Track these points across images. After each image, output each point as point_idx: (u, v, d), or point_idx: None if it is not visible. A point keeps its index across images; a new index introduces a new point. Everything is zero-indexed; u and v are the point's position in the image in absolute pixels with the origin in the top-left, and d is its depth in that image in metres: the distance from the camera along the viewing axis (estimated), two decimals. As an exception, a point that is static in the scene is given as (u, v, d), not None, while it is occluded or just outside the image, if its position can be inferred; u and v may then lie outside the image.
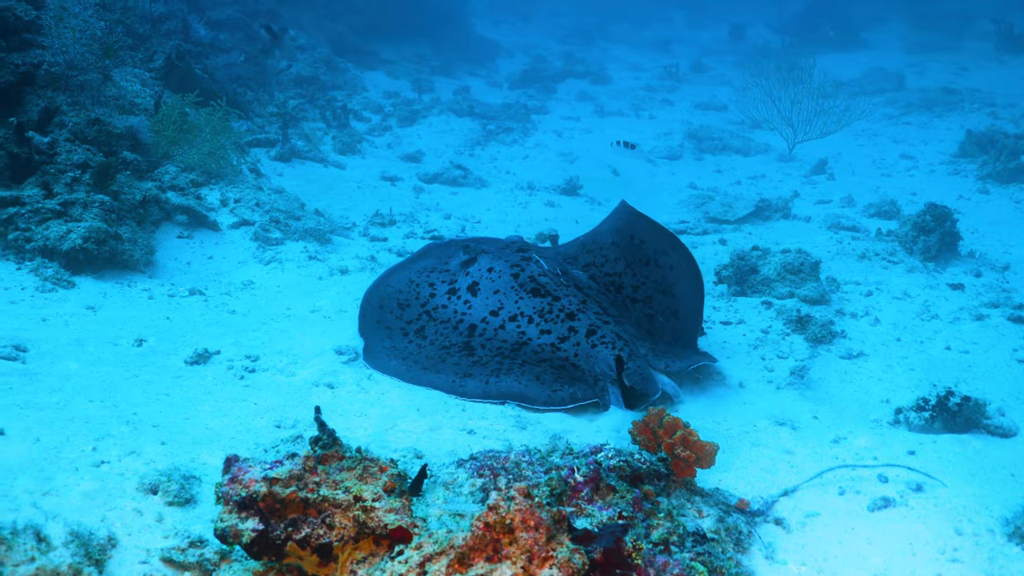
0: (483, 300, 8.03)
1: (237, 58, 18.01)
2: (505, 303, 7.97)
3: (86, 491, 5.02)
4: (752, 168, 17.80)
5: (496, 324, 7.84)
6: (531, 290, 8.06)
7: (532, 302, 7.96)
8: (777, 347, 8.55)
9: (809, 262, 9.91)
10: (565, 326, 7.77)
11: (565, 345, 7.66)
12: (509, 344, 7.69)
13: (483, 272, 8.24)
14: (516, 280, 8.14)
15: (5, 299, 7.89)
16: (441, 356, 7.58)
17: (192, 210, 10.42)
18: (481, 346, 7.68)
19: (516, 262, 8.33)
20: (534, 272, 8.24)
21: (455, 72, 27.31)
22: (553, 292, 8.07)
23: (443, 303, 8.08)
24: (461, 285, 8.20)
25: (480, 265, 8.33)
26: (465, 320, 7.91)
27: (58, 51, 10.71)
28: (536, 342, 7.69)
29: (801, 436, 6.75)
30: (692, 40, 37.28)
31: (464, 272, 8.31)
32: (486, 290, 8.09)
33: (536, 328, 7.77)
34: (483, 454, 5.21)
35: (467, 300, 8.05)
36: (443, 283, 8.28)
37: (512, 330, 7.78)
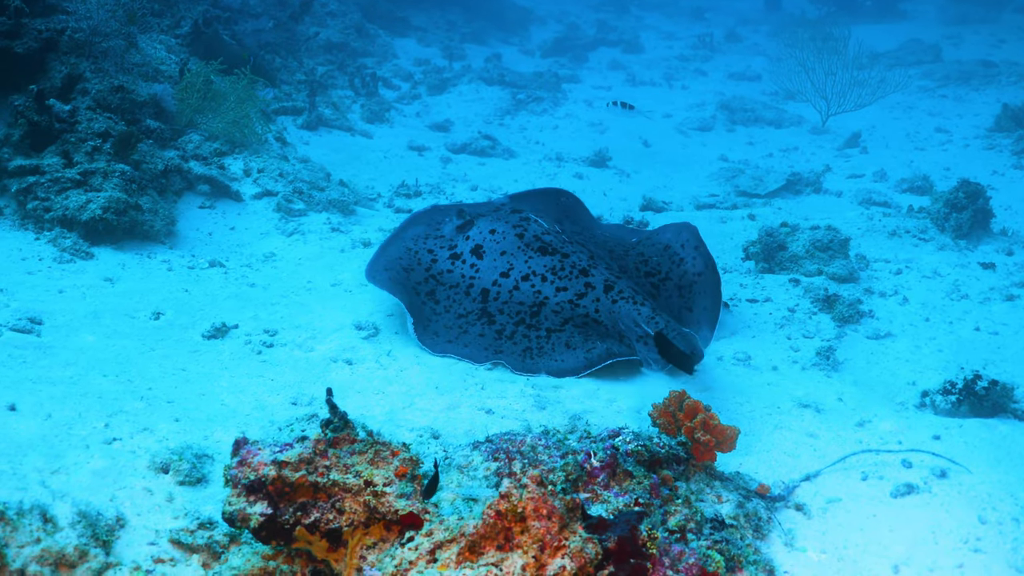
0: (490, 262, 7.98)
1: (266, 24, 17.91)
2: (515, 263, 7.94)
3: (96, 469, 5.00)
4: (784, 140, 17.59)
5: (509, 286, 7.81)
6: (538, 248, 8.05)
7: (542, 260, 7.95)
8: (803, 326, 8.43)
9: (838, 239, 9.77)
10: (580, 282, 7.80)
11: (584, 301, 7.69)
12: (527, 306, 7.67)
13: (485, 235, 8.18)
14: (522, 240, 8.11)
15: (22, 270, 7.87)
16: (461, 327, 7.55)
17: (215, 180, 10.37)
18: (499, 311, 7.65)
19: (516, 223, 8.29)
20: (537, 231, 8.22)
21: (487, 39, 27.11)
22: (561, 250, 8.06)
23: (447, 268, 8.03)
24: (463, 249, 8.13)
25: (480, 228, 8.26)
26: (476, 284, 7.87)
27: (82, 16, 10.68)
28: (554, 300, 7.70)
29: (825, 419, 6.65)
30: (727, 8, 36.78)
31: (463, 236, 8.24)
32: (492, 252, 8.04)
33: (552, 287, 7.78)
34: (499, 437, 5.13)
35: (473, 263, 8.00)
36: (442, 248, 8.21)
37: (527, 290, 7.77)
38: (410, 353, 7.25)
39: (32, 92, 9.14)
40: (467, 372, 7.00)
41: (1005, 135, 16.98)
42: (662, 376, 7.27)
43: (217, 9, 16.64)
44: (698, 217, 12.11)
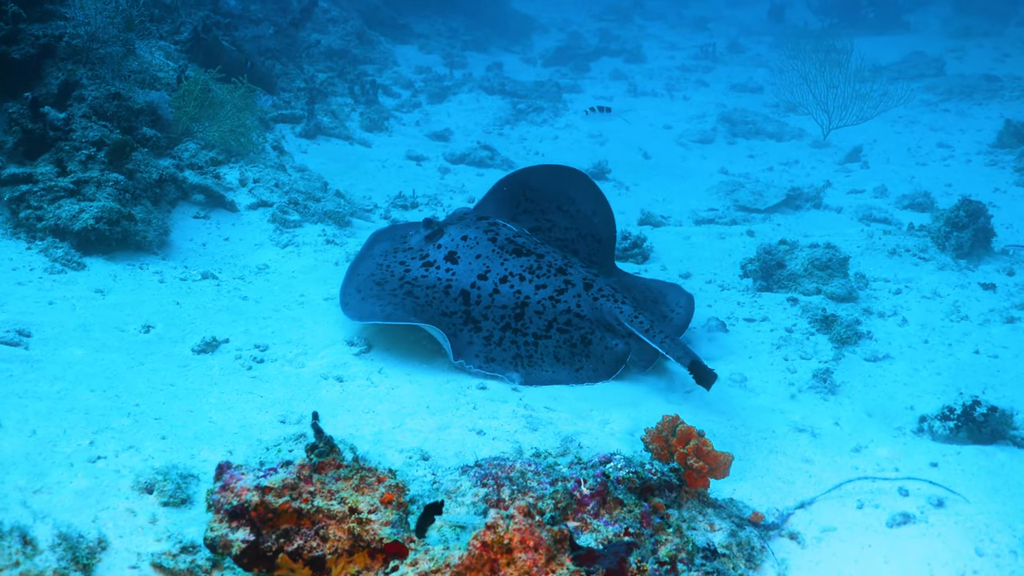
0: (466, 266, 7.96)
1: (267, 30, 17.87)
2: (491, 266, 7.95)
3: (79, 489, 4.92)
4: (785, 154, 17.53)
5: (489, 289, 7.81)
6: (513, 251, 8.09)
7: (518, 261, 8.00)
8: (801, 347, 8.35)
9: (838, 257, 9.69)
10: (560, 279, 7.90)
11: (565, 297, 7.78)
12: (510, 308, 7.68)
13: (457, 241, 8.19)
14: (495, 243, 8.14)
15: (12, 280, 7.78)
16: (450, 325, 7.53)
17: (210, 190, 10.28)
18: (484, 316, 7.63)
19: (487, 228, 8.33)
20: (509, 235, 8.27)
21: (489, 48, 27.09)
22: (535, 251, 8.14)
23: (422, 274, 8.00)
24: (436, 257, 8.12)
25: (451, 235, 8.27)
26: (453, 284, 7.85)
27: (80, 22, 10.60)
28: (535, 299, 7.74)
29: (821, 444, 6.57)
30: (731, 19, 36.79)
31: (434, 245, 8.23)
32: (467, 256, 8.04)
33: (531, 285, 7.82)
34: (488, 461, 5.05)
35: (449, 268, 7.98)
36: (413, 259, 8.19)
37: (507, 292, 7.78)
38: (402, 371, 7.17)
39: (27, 99, 9.07)
40: (459, 391, 6.91)
41: (1007, 151, 16.93)
42: (655, 394, 7.21)
43: (218, 15, 16.61)
44: (697, 232, 12.06)
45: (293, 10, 20.26)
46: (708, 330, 8.59)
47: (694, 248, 11.35)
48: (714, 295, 9.68)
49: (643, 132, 18.76)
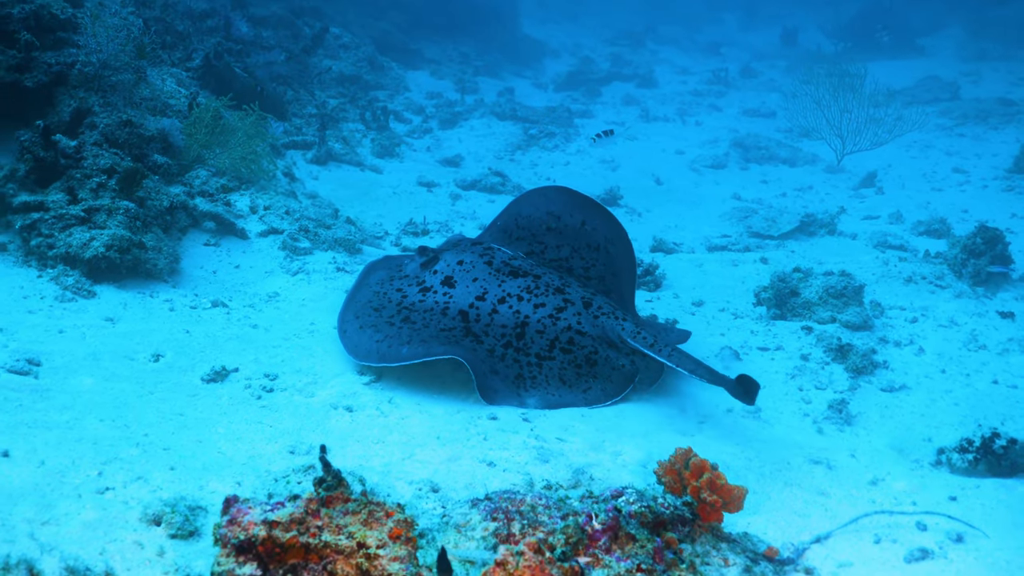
0: (463, 289, 7.96)
1: (278, 56, 17.91)
2: (489, 288, 7.94)
3: (87, 521, 4.85)
4: (799, 179, 17.46)
5: (488, 309, 7.79)
6: (509, 272, 8.08)
7: (515, 282, 7.99)
8: (816, 377, 8.25)
9: (852, 285, 9.59)
10: (558, 298, 7.87)
11: (564, 315, 7.76)
12: (511, 328, 7.65)
13: (453, 266, 8.19)
14: (491, 267, 8.14)
15: (23, 308, 7.73)
16: (449, 338, 7.49)
17: (220, 217, 10.24)
18: (484, 333, 7.61)
19: (482, 252, 8.33)
20: (505, 257, 8.27)
21: (500, 72, 27.14)
22: (532, 272, 8.13)
23: (420, 299, 8.00)
24: (432, 282, 8.13)
25: (447, 261, 8.27)
26: (451, 306, 7.84)
27: (92, 50, 10.61)
28: (535, 318, 7.71)
29: (837, 476, 6.46)
30: (743, 43, 36.89)
31: (430, 271, 8.25)
32: (464, 280, 8.03)
33: (529, 305, 7.80)
34: (498, 495, 4.97)
35: (446, 292, 7.98)
36: (410, 286, 8.20)
37: (506, 312, 7.76)
38: (412, 400, 7.09)
39: (38, 127, 9.05)
40: (469, 421, 6.82)
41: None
42: (668, 423, 7.12)
43: (230, 42, 16.66)
44: (710, 259, 11.98)
45: (305, 36, 20.34)
46: (721, 359, 8.51)
47: (707, 275, 11.27)
48: (727, 323, 9.59)
49: (655, 157, 18.72)
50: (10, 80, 10.02)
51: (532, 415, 7.06)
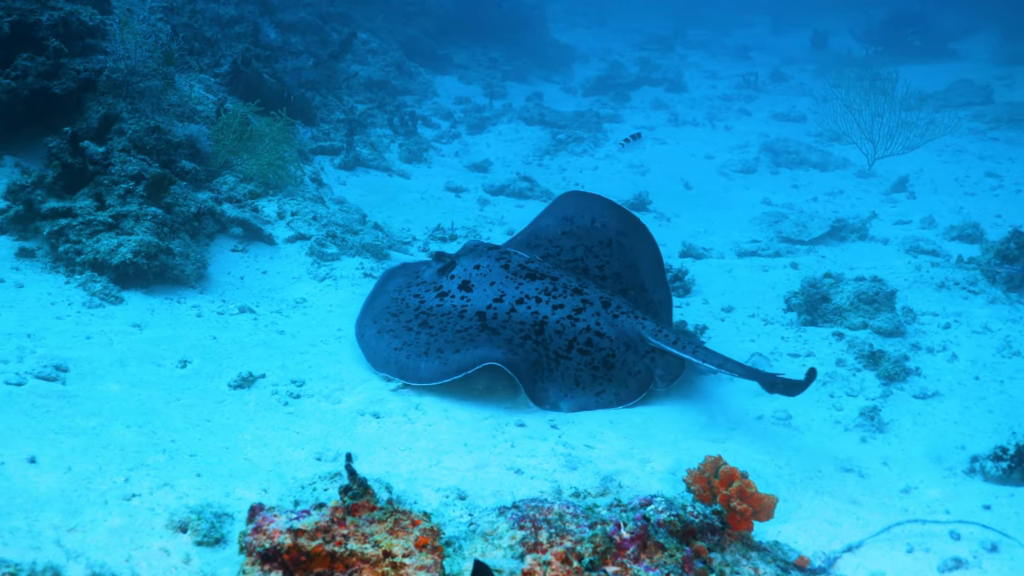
0: (481, 292, 7.98)
1: (306, 62, 17.92)
2: (506, 291, 7.95)
3: (113, 527, 4.85)
4: (830, 184, 17.34)
5: (505, 308, 7.79)
6: (526, 275, 8.09)
7: (533, 284, 7.98)
8: (847, 384, 8.14)
9: (884, 291, 9.47)
10: (577, 299, 7.86)
11: (583, 316, 7.74)
12: (529, 326, 7.64)
13: (470, 271, 8.21)
14: (507, 270, 8.15)
15: (51, 315, 7.74)
16: (465, 339, 7.48)
17: (248, 223, 10.24)
18: (502, 327, 7.60)
19: (498, 257, 8.34)
20: (521, 261, 8.28)
21: (528, 77, 27.10)
22: (549, 274, 8.13)
23: (437, 303, 8.01)
24: (450, 287, 8.15)
25: (463, 266, 8.30)
26: (468, 308, 7.85)
27: (120, 56, 10.65)
28: (554, 318, 7.70)
29: (869, 484, 6.38)
30: (773, 47, 36.71)
31: (448, 276, 8.28)
32: (481, 284, 8.05)
33: (548, 306, 7.79)
34: (525, 503, 4.92)
35: (464, 295, 8.00)
36: (428, 292, 8.21)
37: (525, 312, 7.76)
38: (439, 407, 7.05)
39: (66, 134, 9.08)
40: (497, 428, 6.78)
41: (1059, 181, 16.69)
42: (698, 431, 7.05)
43: (258, 47, 16.70)
44: (740, 265, 11.89)
45: (333, 42, 20.36)
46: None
47: (736, 281, 11.18)
48: (757, 329, 9.50)
49: (684, 162, 18.63)
50: (39, 87, 10.08)
51: (560, 421, 7.01)
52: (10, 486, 5.10)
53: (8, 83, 9.96)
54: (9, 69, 10.09)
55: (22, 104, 10.08)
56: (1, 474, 5.21)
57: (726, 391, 7.89)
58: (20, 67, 10.08)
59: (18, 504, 4.90)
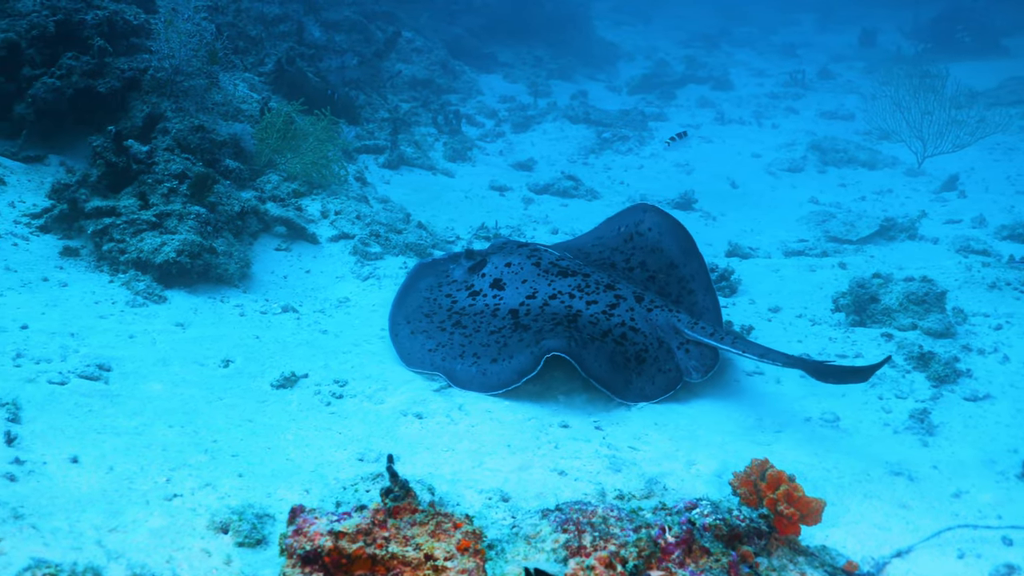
0: (513, 291, 7.97)
1: (351, 61, 17.94)
2: (539, 288, 7.95)
3: (154, 528, 4.83)
4: (878, 182, 17.13)
5: (538, 304, 7.79)
6: (558, 272, 8.08)
7: (565, 281, 7.98)
8: (896, 386, 8.01)
9: (934, 292, 9.31)
10: (610, 294, 7.84)
11: (618, 311, 7.70)
12: (562, 316, 7.61)
13: (501, 269, 8.20)
14: (539, 268, 8.14)
15: (95, 314, 7.76)
16: (499, 341, 7.46)
17: (291, 222, 10.25)
18: (534, 321, 7.58)
19: (529, 254, 8.33)
20: (552, 258, 8.27)
21: (573, 76, 27.02)
22: (581, 271, 8.11)
23: (470, 303, 8.01)
24: (481, 286, 8.14)
25: (494, 264, 8.29)
26: (501, 307, 7.84)
27: (165, 55, 10.68)
28: (587, 312, 7.66)
29: (919, 488, 6.27)
30: (820, 45, 36.39)
31: (479, 275, 8.27)
32: (513, 282, 8.05)
33: (581, 301, 7.77)
34: (569, 506, 4.86)
35: (496, 294, 7.99)
36: (459, 291, 8.21)
37: (558, 306, 7.75)
38: (482, 407, 7.01)
39: (110, 133, 9.10)
40: (540, 429, 6.73)
41: (1112, 179, 16.40)
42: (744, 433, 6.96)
43: (302, 46, 16.73)
44: (786, 265, 11.76)
45: (377, 40, 20.37)
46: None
47: (783, 281, 11.06)
48: (804, 330, 9.39)
49: (731, 161, 18.49)
50: (84, 86, 10.13)
51: (604, 423, 6.95)
52: (52, 486, 5.11)
53: (53, 82, 10.02)
54: (54, 68, 10.15)
55: (67, 103, 10.13)
56: (43, 474, 5.21)
57: (773, 393, 7.80)
58: (65, 66, 10.14)
59: (60, 504, 4.90)
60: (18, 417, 5.77)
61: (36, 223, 8.98)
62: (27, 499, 4.87)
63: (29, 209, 9.19)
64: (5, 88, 10.07)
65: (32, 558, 4.12)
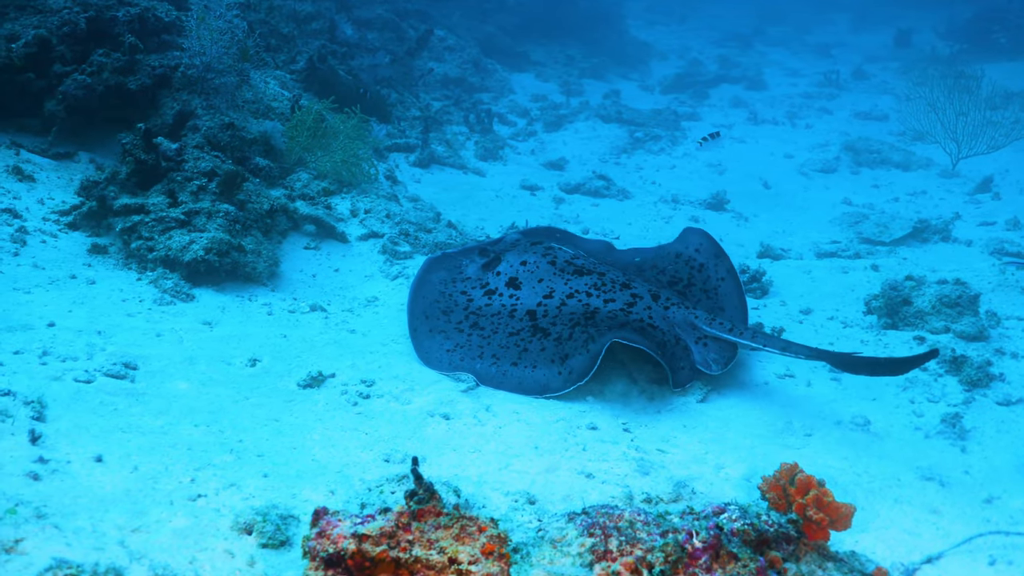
0: (530, 290, 7.94)
1: (383, 59, 17.95)
2: (555, 287, 7.93)
3: (178, 528, 4.81)
4: (912, 184, 16.99)
5: (556, 304, 7.77)
6: (574, 271, 8.07)
7: (582, 280, 7.98)
8: (928, 389, 7.92)
9: (968, 295, 9.21)
10: (627, 293, 7.84)
11: (635, 309, 7.68)
12: (580, 315, 7.62)
13: (516, 267, 8.18)
14: (555, 266, 8.13)
15: (122, 312, 7.77)
16: (519, 344, 7.47)
17: (321, 220, 10.24)
18: (552, 324, 7.57)
19: (544, 252, 8.32)
20: (567, 256, 8.27)
21: (606, 75, 26.95)
22: (597, 270, 8.12)
23: (486, 303, 7.98)
24: (496, 284, 8.12)
25: (509, 262, 8.26)
26: (519, 308, 7.81)
27: (196, 53, 10.70)
28: (605, 310, 7.66)
29: (950, 494, 6.20)
30: (855, 45, 36.14)
31: (493, 273, 8.24)
32: (529, 281, 8.02)
33: (599, 300, 7.77)
34: (595, 509, 4.81)
35: (512, 294, 7.97)
36: (474, 288, 8.19)
37: (575, 305, 7.73)
38: (509, 408, 6.97)
39: (139, 130, 9.12)
40: (568, 431, 6.68)
41: None
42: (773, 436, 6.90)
43: (334, 44, 16.75)
44: (818, 266, 11.67)
45: (409, 39, 20.38)
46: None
47: (815, 283, 10.97)
48: (836, 332, 9.30)
49: (763, 161, 18.38)
50: (114, 83, 10.16)
51: (633, 425, 6.90)
52: (76, 485, 5.09)
53: (84, 79, 10.06)
54: (85, 65, 10.19)
55: (97, 100, 10.17)
56: (67, 473, 5.20)
57: (803, 395, 7.73)
58: (96, 63, 10.18)
59: (83, 504, 4.89)
60: (43, 415, 5.77)
61: (65, 220, 9.00)
62: (50, 498, 4.86)
63: (58, 206, 9.22)
64: (36, 85, 10.11)
65: (54, 558, 4.10)
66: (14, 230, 8.55)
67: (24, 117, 10.27)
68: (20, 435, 5.43)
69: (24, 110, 10.22)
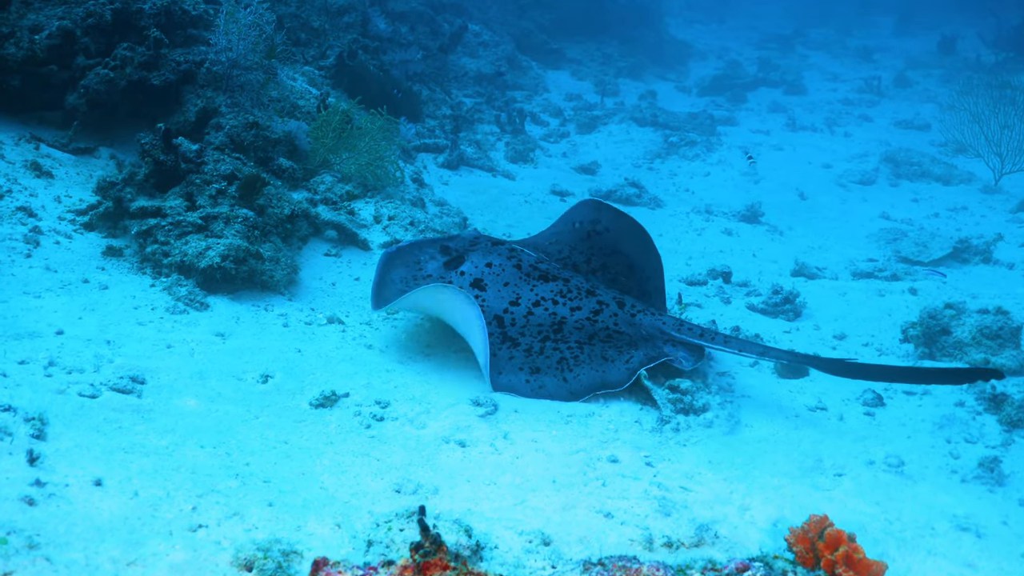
0: (495, 293, 7.85)
1: (415, 55, 17.72)
2: (521, 293, 7.88)
3: (175, 563, 4.59)
4: (952, 199, 16.62)
5: (523, 311, 7.74)
6: (539, 276, 8.04)
7: (547, 286, 7.96)
8: (966, 428, 7.59)
9: (1010, 326, 8.88)
10: (592, 300, 7.91)
11: (601, 317, 7.74)
12: (547, 326, 7.62)
13: (482, 268, 8.07)
14: (520, 270, 8.06)
15: (133, 320, 7.57)
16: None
17: (342, 226, 10.02)
18: (521, 334, 7.56)
19: (508, 255, 8.23)
20: (531, 260, 8.20)
21: (643, 75, 26.68)
22: (561, 275, 8.10)
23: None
24: (460, 284, 7.94)
25: (474, 262, 8.13)
26: (486, 311, 7.70)
27: (223, 49, 10.50)
28: (572, 319, 7.69)
29: (986, 546, 5.90)
30: (898, 50, 35.65)
31: (457, 272, 8.08)
32: (495, 284, 7.93)
33: (565, 308, 7.79)
34: (612, 560, 4.58)
35: (478, 295, 7.85)
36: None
37: (542, 314, 7.73)
38: (527, 437, 6.71)
39: (159, 130, 8.91)
40: (587, 464, 6.41)
41: None
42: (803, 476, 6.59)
43: (366, 38, 16.53)
44: (854, 288, 11.36)
45: (443, 33, 20.16)
46: (863, 403, 7.93)
47: (850, 306, 10.67)
48: (871, 360, 8.98)
49: (800, 170, 18.07)
50: (137, 78, 10.00)
51: (656, 459, 6.63)
52: (72, 512, 4.87)
53: (106, 73, 9.90)
54: (108, 59, 10.02)
55: (120, 95, 10.03)
56: (64, 498, 4.99)
57: (835, 429, 7.45)
58: (119, 57, 10.02)
59: (78, 532, 4.67)
60: (43, 433, 5.56)
61: (81, 220, 8.85)
62: (44, 526, 4.65)
63: (75, 205, 9.05)
64: (58, 77, 9.96)
65: (42, 595, 3.91)
66: (28, 230, 8.38)
67: (45, 110, 10.15)
68: (18, 455, 5.22)
69: (46, 103, 10.09)
